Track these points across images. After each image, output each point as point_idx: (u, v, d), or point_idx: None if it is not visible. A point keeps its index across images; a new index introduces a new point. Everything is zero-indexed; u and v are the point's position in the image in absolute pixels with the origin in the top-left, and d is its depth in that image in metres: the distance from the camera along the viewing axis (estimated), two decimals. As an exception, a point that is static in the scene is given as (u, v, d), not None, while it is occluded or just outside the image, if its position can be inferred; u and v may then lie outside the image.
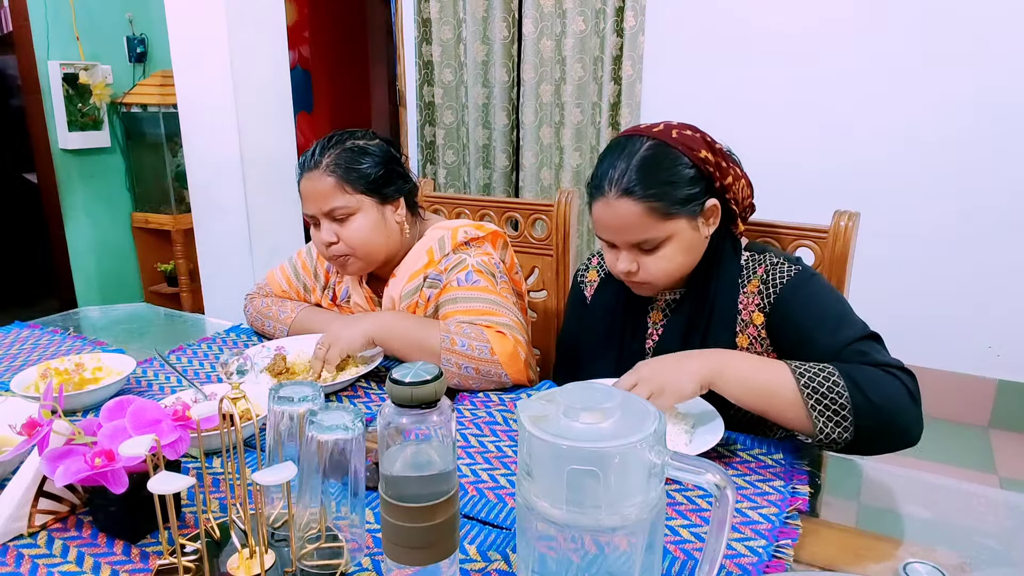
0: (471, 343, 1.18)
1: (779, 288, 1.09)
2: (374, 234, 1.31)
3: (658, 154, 1.06)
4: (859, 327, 1.02)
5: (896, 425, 0.93)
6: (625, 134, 1.13)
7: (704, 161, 1.07)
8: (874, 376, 0.93)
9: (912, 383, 0.94)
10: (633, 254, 1.10)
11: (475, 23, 3.21)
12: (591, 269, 1.33)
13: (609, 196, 1.06)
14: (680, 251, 1.09)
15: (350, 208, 1.28)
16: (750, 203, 1.17)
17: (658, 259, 1.08)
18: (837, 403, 0.91)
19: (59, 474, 0.75)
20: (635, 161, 1.06)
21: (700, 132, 1.11)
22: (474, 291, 1.28)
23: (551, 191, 3.24)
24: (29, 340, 1.46)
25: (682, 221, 1.07)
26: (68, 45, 3.42)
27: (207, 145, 2.65)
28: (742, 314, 1.12)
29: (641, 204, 1.04)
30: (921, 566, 0.73)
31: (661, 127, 1.10)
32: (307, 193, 1.30)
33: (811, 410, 0.91)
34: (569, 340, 1.35)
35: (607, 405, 0.62)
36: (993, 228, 2.56)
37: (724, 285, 1.13)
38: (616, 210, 1.06)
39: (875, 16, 2.58)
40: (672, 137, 1.08)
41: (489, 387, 1.21)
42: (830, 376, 0.92)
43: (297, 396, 0.76)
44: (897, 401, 0.92)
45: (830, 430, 0.91)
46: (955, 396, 2.72)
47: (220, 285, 2.80)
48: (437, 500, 0.65)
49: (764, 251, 1.16)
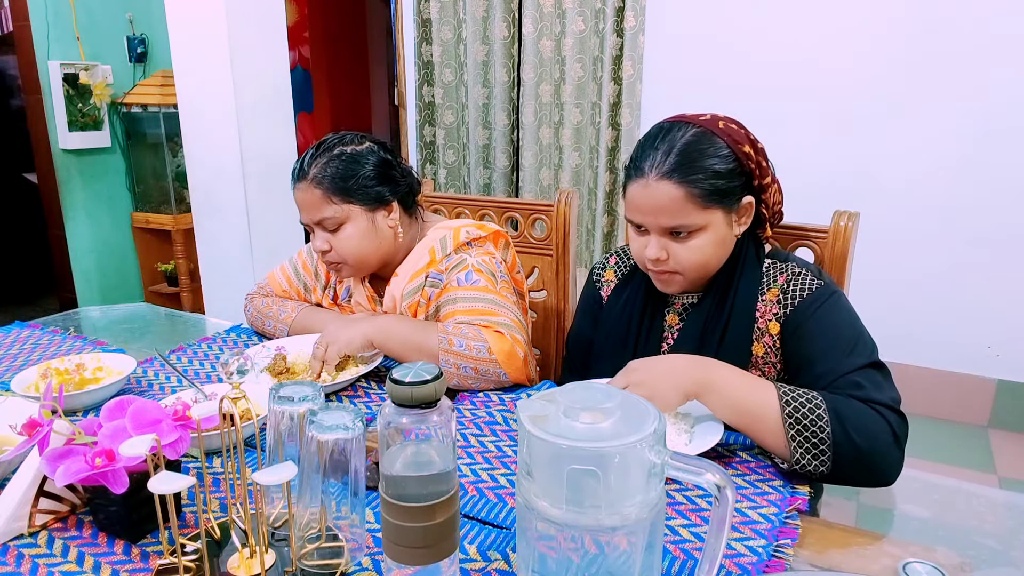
0: (469, 343, 1.18)
1: (797, 301, 1.07)
2: (364, 242, 1.31)
3: (703, 141, 1.04)
4: (866, 355, 0.99)
5: (873, 466, 0.90)
6: (670, 120, 1.10)
7: (747, 156, 1.05)
8: (861, 413, 0.91)
9: (900, 425, 0.92)
10: (664, 241, 1.07)
11: (475, 23, 3.21)
12: (608, 269, 1.31)
13: (649, 177, 1.04)
14: (711, 244, 1.06)
15: (339, 218, 1.29)
16: (779, 210, 1.15)
17: (689, 249, 1.06)
18: (818, 436, 0.89)
19: (59, 474, 0.75)
20: (679, 145, 1.04)
21: (745, 129, 1.09)
22: (474, 291, 1.28)
23: (551, 191, 3.24)
24: (29, 340, 1.46)
25: (718, 213, 1.05)
26: (68, 45, 3.42)
27: (207, 145, 2.65)
28: (759, 322, 1.10)
29: (682, 188, 1.02)
30: (921, 566, 0.73)
31: (708, 117, 1.08)
32: (299, 203, 1.32)
33: (790, 440, 0.90)
34: (581, 340, 1.32)
35: (607, 405, 0.62)
36: (993, 228, 2.56)
37: (744, 291, 1.11)
38: (654, 192, 1.04)
39: (876, 17, 2.58)
40: (719, 127, 1.06)
41: (488, 386, 1.21)
42: (815, 408, 0.90)
43: (297, 396, 0.76)
44: (879, 442, 0.90)
45: (806, 461, 0.89)
46: (955, 396, 2.72)
47: (220, 285, 2.80)
48: (437, 500, 0.65)
49: (788, 259, 1.14)
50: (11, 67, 4.07)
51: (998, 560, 0.79)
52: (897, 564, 0.74)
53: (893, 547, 0.80)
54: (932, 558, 0.74)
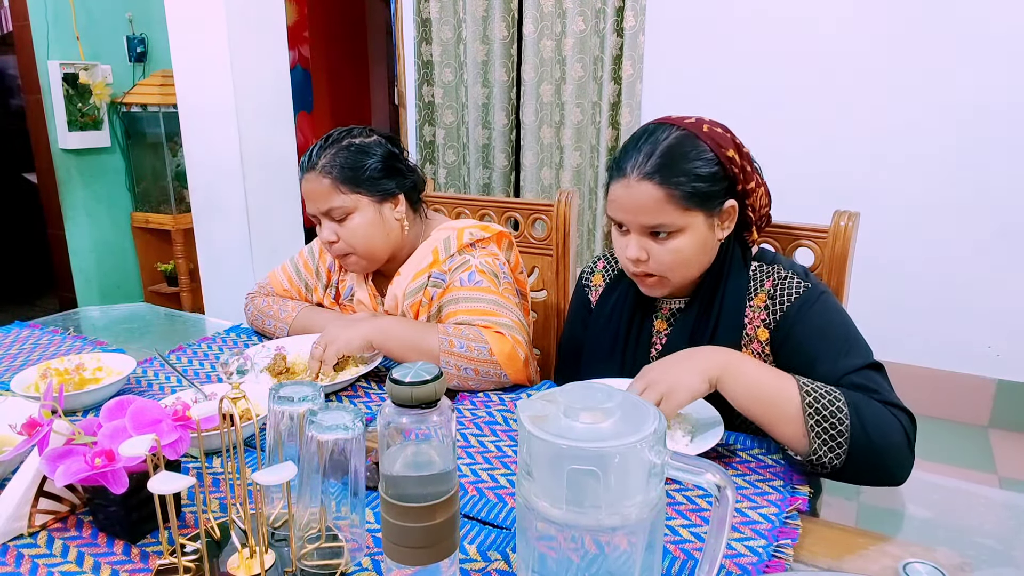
0: (469, 344, 1.18)
1: (786, 306, 1.06)
2: (372, 232, 1.32)
3: (685, 143, 1.05)
4: (863, 355, 1.00)
5: (886, 464, 0.91)
6: (656, 121, 1.11)
7: (730, 160, 1.05)
8: (878, 412, 0.91)
9: (911, 427, 0.92)
10: (644, 241, 1.07)
11: (475, 23, 3.21)
12: (596, 273, 1.31)
13: (630, 178, 1.05)
14: (692, 246, 1.07)
15: (347, 208, 1.30)
16: (767, 213, 1.15)
17: (669, 250, 1.06)
18: (836, 429, 0.89)
19: (59, 474, 0.75)
20: (661, 147, 1.04)
21: (731, 132, 1.10)
22: (476, 291, 1.28)
23: (551, 191, 3.24)
24: (29, 340, 1.46)
25: (699, 216, 1.05)
26: (68, 45, 3.42)
27: (207, 145, 2.65)
28: (747, 328, 1.10)
29: (662, 189, 1.03)
30: (921, 566, 0.73)
31: (693, 120, 1.08)
32: (307, 194, 1.32)
33: (809, 430, 0.90)
34: (572, 343, 1.33)
35: (607, 405, 0.62)
36: (993, 228, 2.56)
37: (731, 296, 1.11)
38: (635, 192, 1.04)
39: (876, 17, 2.58)
40: (703, 131, 1.06)
41: (489, 387, 1.20)
42: (835, 400, 0.90)
43: (297, 396, 0.76)
44: (894, 442, 0.90)
45: (823, 453, 0.90)
46: (955, 396, 2.72)
47: (220, 285, 2.80)
48: (437, 500, 0.65)
49: (773, 261, 1.13)
50: (11, 67, 4.07)
51: (998, 560, 0.79)
52: (897, 564, 0.74)
53: (893, 547, 0.80)
54: (932, 558, 0.74)
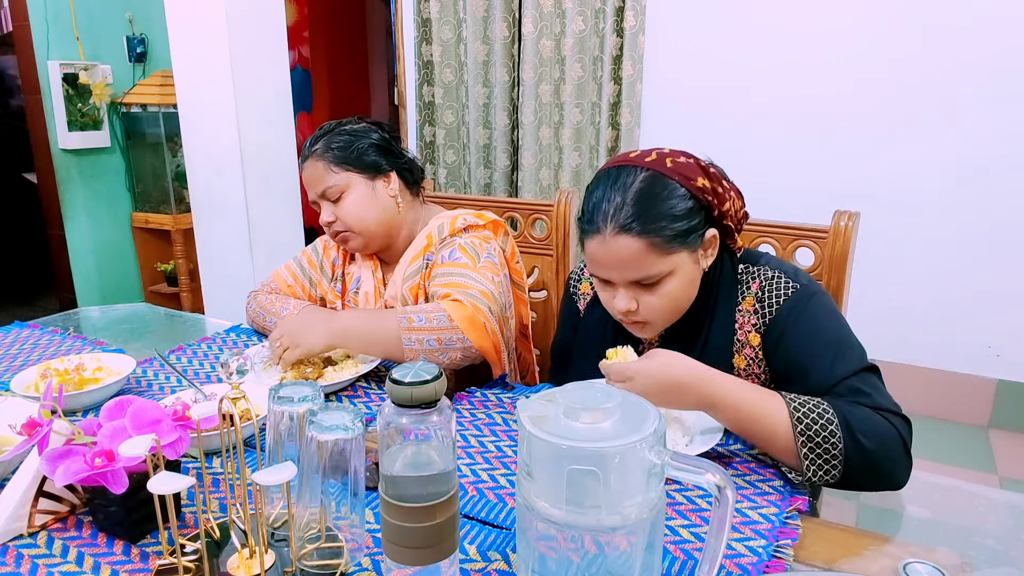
0: (428, 316, 1.20)
1: (775, 308, 1.04)
2: (366, 207, 1.37)
3: (655, 186, 1.00)
4: (857, 358, 0.98)
5: (883, 472, 0.90)
6: (616, 164, 1.05)
7: (702, 190, 1.01)
8: (870, 420, 0.90)
9: (907, 431, 0.91)
10: (632, 291, 1.03)
11: (475, 23, 3.21)
12: (584, 281, 1.28)
13: (605, 233, 0.99)
14: (681, 286, 1.03)
15: (340, 186, 1.36)
16: (744, 213, 1.12)
17: (660, 296, 1.03)
18: (830, 452, 0.88)
19: (59, 474, 0.75)
20: (631, 195, 0.99)
21: (693, 158, 1.05)
22: (453, 267, 1.32)
23: (550, 191, 3.24)
24: (29, 340, 1.46)
25: (683, 254, 1.01)
26: (68, 45, 3.42)
27: (207, 145, 2.65)
28: (738, 333, 1.08)
29: (641, 240, 0.98)
30: (921, 566, 0.73)
31: (654, 156, 1.04)
32: (305, 181, 1.40)
33: (803, 458, 0.89)
34: (563, 347, 1.31)
35: (607, 405, 0.62)
36: (993, 228, 2.56)
37: (722, 303, 1.09)
38: (614, 247, 0.99)
39: (877, 17, 2.58)
40: (667, 167, 1.01)
41: (456, 358, 1.21)
42: (825, 418, 0.89)
43: (297, 396, 0.76)
44: (889, 449, 0.89)
45: (814, 473, 0.89)
46: (955, 396, 2.72)
47: (220, 285, 2.80)
48: (437, 500, 0.65)
49: (759, 262, 1.10)
50: (11, 67, 4.07)
51: (998, 560, 0.79)
52: (897, 564, 0.74)
53: (893, 547, 0.80)
54: (932, 558, 0.74)
